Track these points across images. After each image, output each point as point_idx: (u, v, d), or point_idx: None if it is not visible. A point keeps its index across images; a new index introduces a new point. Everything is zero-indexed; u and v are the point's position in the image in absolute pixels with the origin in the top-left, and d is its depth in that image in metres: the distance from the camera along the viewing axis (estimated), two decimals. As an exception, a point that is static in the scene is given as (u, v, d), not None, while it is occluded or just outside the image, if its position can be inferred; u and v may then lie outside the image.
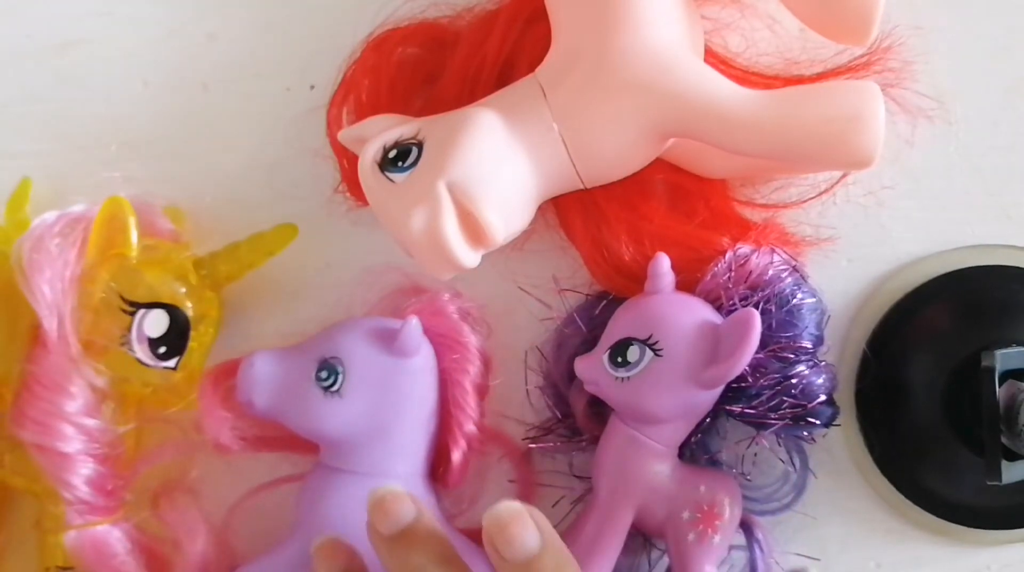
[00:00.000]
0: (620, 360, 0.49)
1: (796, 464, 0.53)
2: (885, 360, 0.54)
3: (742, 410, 0.50)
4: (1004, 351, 0.50)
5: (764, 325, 0.48)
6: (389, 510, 0.42)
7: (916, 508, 0.54)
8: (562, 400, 0.53)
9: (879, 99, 0.46)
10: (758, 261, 0.51)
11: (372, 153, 0.47)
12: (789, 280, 0.51)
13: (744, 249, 0.51)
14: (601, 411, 0.52)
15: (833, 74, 0.53)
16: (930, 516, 0.54)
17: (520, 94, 0.48)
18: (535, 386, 0.54)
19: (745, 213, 0.53)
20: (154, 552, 0.52)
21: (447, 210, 0.45)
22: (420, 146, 0.47)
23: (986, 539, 0.54)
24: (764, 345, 0.49)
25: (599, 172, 0.48)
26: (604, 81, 0.47)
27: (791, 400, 0.50)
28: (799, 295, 0.51)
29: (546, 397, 0.54)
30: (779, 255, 0.52)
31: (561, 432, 0.54)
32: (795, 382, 0.50)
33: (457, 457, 0.52)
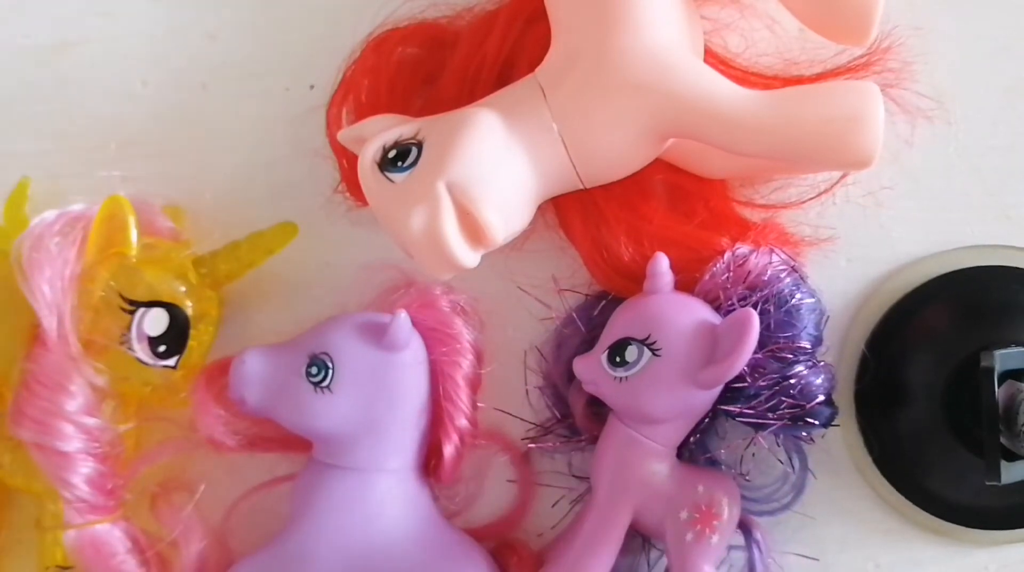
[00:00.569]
0: (618, 360, 0.49)
1: (795, 464, 0.53)
2: (884, 360, 0.54)
3: (741, 410, 0.50)
4: (1003, 351, 0.50)
5: (763, 325, 0.48)
6: None
7: (915, 508, 0.54)
8: (561, 400, 0.53)
9: (878, 99, 0.46)
10: (757, 261, 0.51)
11: (372, 153, 0.47)
12: (788, 280, 0.51)
13: (743, 249, 0.51)
14: (600, 411, 0.52)
15: (833, 74, 0.53)
16: (929, 516, 0.54)
17: (520, 94, 0.48)
18: (534, 386, 0.54)
19: (744, 213, 0.53)
20: (153, 551, 0.52)
21: (447, 210, 0.45)
22: (420, 146, 0.47)
23: (985, 539, 0.54)
24: (763, 345, 0.49)
25: (599, 172, 0.48)
26: (604, 81, 0.47)
27: (790, 400, 0.49)
28: (798, 295, 0.51)
29: (545, 397, 0.54)
30: (778, 255, 0.51)
31: (560, 432, 0.54)
32: (794, 382, 0.49)
33: (449, 451, 0.51)
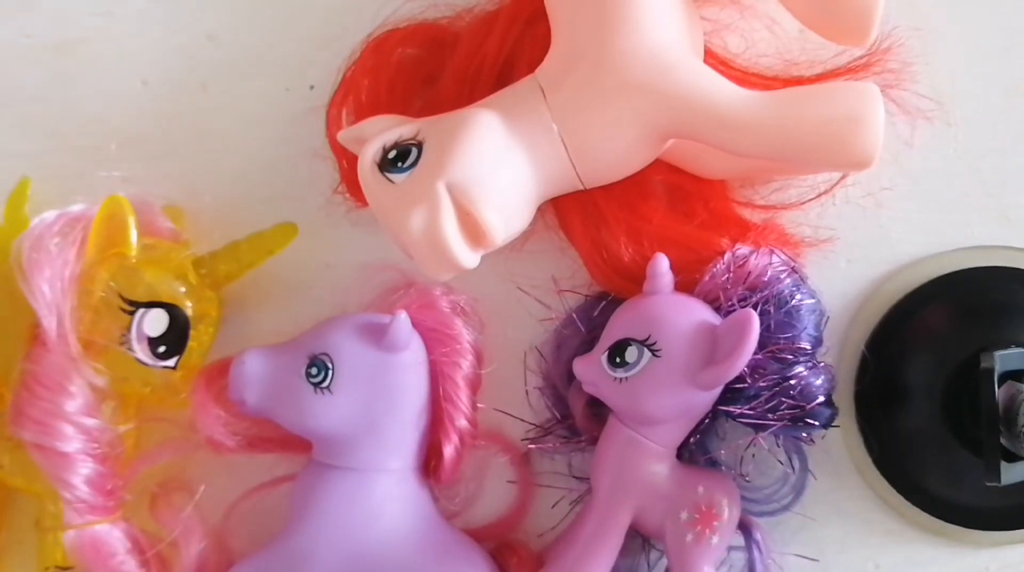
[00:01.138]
0: (618, 361, 0.49)
1: (795, 465, 0.53)
2: (884, 361, 0.54)
3: (740, 411, 0.50)
4: (1003, 352, 0.50)
5: (763, 326, 0.48)
6: None
7: (915, 509, 0.54)
8: (561, 401, 0.53)
9: (878, 100, 0.46)
10: (757, 262, 0.51)
11: (371, 154, 0.47)
12: (788, 281, 0.51)
13: (743, 250, 0.51)
14: (600, 412, 0.52)
15: (832, 75, 0.53)
16: (929, 517, 0.54)
17: (520, 95, 0.48)
18: (534, 387, 0.54)
19: (744, 214, 0.53)
20: (153, 552, 0.52)
21: (447, 211, 0.45)
22: (420, 147, 0.47)
23: (985, 540, 0.54)
24: (763, 346, 0.49)
25: (598, 173, 0.48)
26: (604, 82, 0.47)
27: (790, 401, 0.49)
28: (798, 296, 0.51)
29: (545, 398, 0.54)
30: (778, 256, 0.51)
31: (560, 433, 0.54)
32: (794, 383, 0.49)
33: (449, 452, 0.51)
